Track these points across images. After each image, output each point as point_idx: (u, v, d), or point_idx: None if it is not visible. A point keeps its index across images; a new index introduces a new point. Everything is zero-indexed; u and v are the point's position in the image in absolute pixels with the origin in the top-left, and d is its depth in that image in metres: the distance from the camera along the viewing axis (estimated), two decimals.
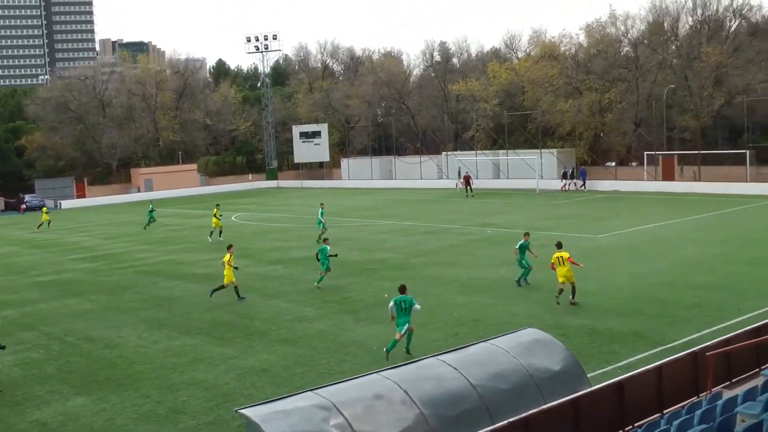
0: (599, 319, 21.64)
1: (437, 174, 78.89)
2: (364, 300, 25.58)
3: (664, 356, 16.63)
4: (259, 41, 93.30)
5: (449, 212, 51.51)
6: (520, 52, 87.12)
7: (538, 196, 60.90)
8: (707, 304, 22.75)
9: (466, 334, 20.55)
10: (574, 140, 72.00)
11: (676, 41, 69.95)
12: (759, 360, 15.92)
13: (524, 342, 14.36)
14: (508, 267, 30.09)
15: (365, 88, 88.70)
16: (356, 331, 21.78)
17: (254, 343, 21.24)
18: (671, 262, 29.60)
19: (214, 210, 43.55)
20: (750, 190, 55.44)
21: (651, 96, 68.07)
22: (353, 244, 38.57)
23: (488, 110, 76.34)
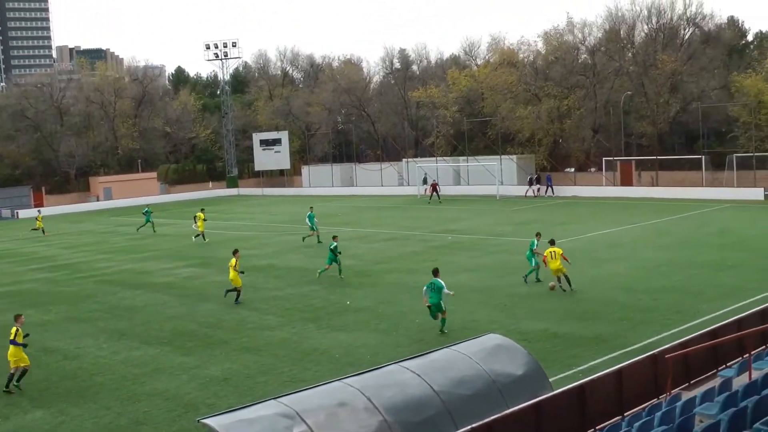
0: (560, 323, 21.82)
1: (398, 181, 78.98)
2: (326, 307, 25.52)
3: (624, 359, 16.82)
4: (219, 48, 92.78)
5: (411, 219, 51.63)
6: (479, 59, 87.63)
7: (498, 202, 61.27)
8: (666, 307, 23.06)
9: (428, 340, 20.60)
10: (533, 146, 72.56)
11: (632, 49, 70.97)
12: (716, 361, 16.18)
13: (486, 347, 14.42)
14: (469, 273, 30.27)
15: (325, 95, 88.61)
16: (319, 339, 21.73)
17: (216, 352, 21.08)
18: (630, 266, 29.96)
19: (200, 213, 45.99)
20: (705, 195, 56.33)
21: (609, 102, 68.94)
22: (314, 252, 38.46)
23: (448, 117, 76.66)
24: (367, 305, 25.48)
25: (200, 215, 45.75)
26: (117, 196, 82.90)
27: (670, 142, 74.34)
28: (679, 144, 75.68)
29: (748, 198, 53.98)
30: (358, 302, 25.89)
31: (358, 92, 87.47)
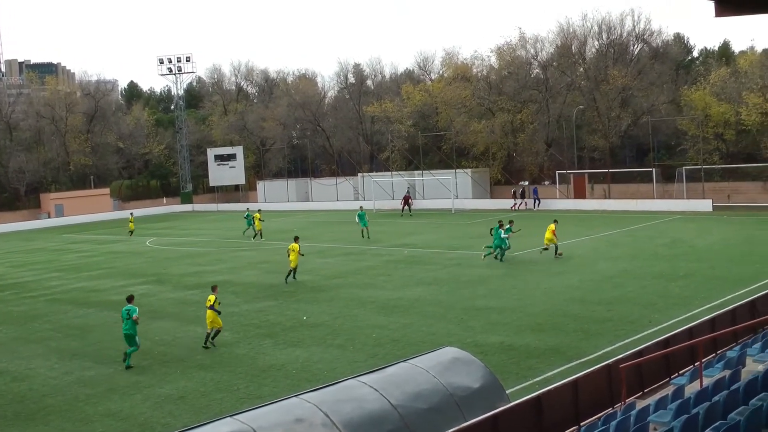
0: (516, 335, 21.95)
1: (354, 195, 79.01)
2: (282, 323, 25.37)
3: (579, 370, 16.95)
4: (172, 63, 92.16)
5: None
6: (433, 74, 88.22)
7: (453, 216, 61.56)
8: (619, 317, 23.32)
9: (385, 354, 20.57)
10: (487, 160, 73.18)
11: (583, 64, 71.97)
12: (669, 369, 16.40)
13: (443, 361, 14.43)
14: (425, 287, 30.34)
15: (280, 110, 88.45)
16: (275, 355, 21.58)
17: (171, 370, 20.81)
18: (584, 278, 30.28)
19: (257, 214, 51.94)
20: (657, 207, 57.25)
21: (561, 117, 69.83)
22: (270, 267, 38.27)
23: (403, 131, 76.99)
24: (323, 320, 25.39)
25: (257, 215, 51.51)
26: (69, 212, 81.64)
27: (621, 156, 75.57)
28: (631, 157, 76.95)
29: (697, 209, 54.92)
30: (315, 317, 25.79)
31: (312, 107, 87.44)
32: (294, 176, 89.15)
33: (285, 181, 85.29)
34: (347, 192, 79.36)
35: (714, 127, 62.76)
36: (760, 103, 58.15)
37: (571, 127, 67.62)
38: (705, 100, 62.73)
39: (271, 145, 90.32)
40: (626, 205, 58.98)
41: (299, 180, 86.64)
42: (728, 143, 63.95)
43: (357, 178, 79.72)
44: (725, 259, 33.46)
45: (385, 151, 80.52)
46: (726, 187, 60.70)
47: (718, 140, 63.73)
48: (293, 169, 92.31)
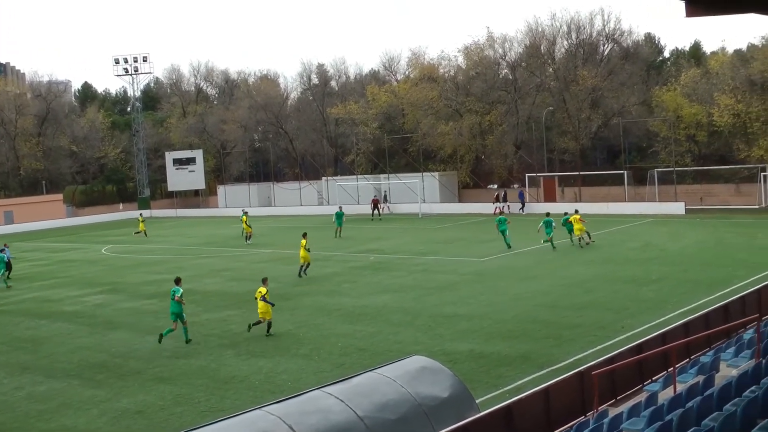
0: (485, 343, 22.01)
1: (318, 200, 78.86)
2: (245, 333, 25.20)
3: (551, 377, 17.03)
4: (128, 63, 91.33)
5: (331, 239, 51.49)
6: (399, 74, 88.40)
7: (420, 220, 61.68)
8: (591, 323, 23.50)
9: (351, 364, 20.53)
10: (455, 163, 73.45)
11: (553, 64, 72.56)
12: (642, 376, 16.55)
13: (411, 370, 14.42)
14: (392, 294, 30.35)
15: (241, 112, 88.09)
16: (237, 366, 21.44)
17: (128, 383, 20.58)
18: (554, 283, 30.47)
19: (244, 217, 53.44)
20: (628, 210, 57.85)
21: (530, 118, 70.31)
22: (232, 275, 38.07)
23: (368, 134, 77.06)
24: (287, 329, 25.28)
25: (244, 218, 53.10)
26: (19, 219, 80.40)
27: (592, 158, 76.28)
28: (602, 159, 77.72)
29: (669, 212, 55.55)
30: (278, 326, 25.65)
31: (275, 109, 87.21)
32: (256, 180, 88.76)
33: (246, 186, 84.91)
34: (311, 196, 79.18)
35: (686, 129, 63.57)
36: (731, 104, 58.99)
37: (541, 129, 68.11)
38: (676, 101, 63.53)
39: (232, 148, 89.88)
40: (597, 209, 59.46)
41: (261, 184, 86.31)
42: (700, 145, 64.79)
43: (321, 182, 79.58)
44: (698, 262, 33.88)
45: (349, 154, 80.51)
46: (698, 189, 61.54)
47: (690, 142, 64.55)
48: (255, 173, 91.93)
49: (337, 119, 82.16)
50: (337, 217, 52.64)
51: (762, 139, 57.79)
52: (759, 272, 29.75)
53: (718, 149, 64.41)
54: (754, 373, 13.16)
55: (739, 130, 60.33)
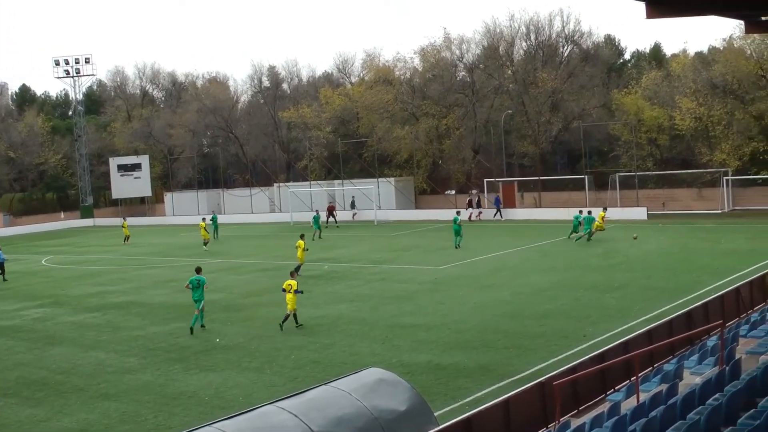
0: (444, 354, 22.05)
1: (269, 207, 78.52)
2: (194, 346, 24.99)
3: (511, 389, 17.11)
4: (69, 65, 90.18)
5: (284, 248, 51.21)
6: (353, 77, 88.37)
7: (376, 228, 61.71)
8: (552, 332, 23.67)
9: (305, 377, 20.45)
10: (412, 168, 73.60)
11: (511, 66, 73.08)
12: (604, 385, 16.70)
13: (367, 383, 14.40)
14: (348, 304, 30.31)
15: (189, 116, 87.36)
16: (186, 381, 21.23)
17: (70, 401, 20.26)
18: (515, 291, 30.66)
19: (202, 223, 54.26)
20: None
21: (489, 122, 70.73)
22: (179, 286, 37.61)
23: (321, 138, 76.87)
24: (238, 342, 25.12)
25: (202, 224, 54.05)
26: None
27: (552, 162, 76.95)
28: (562, 164, 78.48)
29: (631, 218, 56.22)
30: (229, 339, 25.48)
31: (224, 113, 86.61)
32: (205, 187, 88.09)
33: (195, 193, 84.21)
34: (262, 203, 78.78)
35: (647, 132, 64.40)
36: (693, 107, 59.84)
37: (500, 133, 68.55)
38: (637, 104, 64.35)
39: (179, 153, 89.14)
40: (558, 214, 60.02)
41: (210, 191, 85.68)
42: (662, 149, 65.70)
43: (273, 188, 79.23)
44: (661, 268, 34.32)
45: (302, 159, 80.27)
46: (661, 194, 62.39)
47: (652, 146, 65.42)
48: (204, 179, 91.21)
49: (289, 123, 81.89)
50: (314, 221, 55.31)
51: (724, 143, 58.70)
52: (722, 278, 30.23)
53: (680, 153, 65.34)
54: (718, 380, 13.35)
55: (701, 133, 61.24)
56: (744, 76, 58.70)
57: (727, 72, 59.29)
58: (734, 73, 58.90)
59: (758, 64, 57.93)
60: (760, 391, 12.44)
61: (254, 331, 26.52)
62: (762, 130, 59.38)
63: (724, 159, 58.32)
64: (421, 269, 37.91)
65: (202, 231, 53.70)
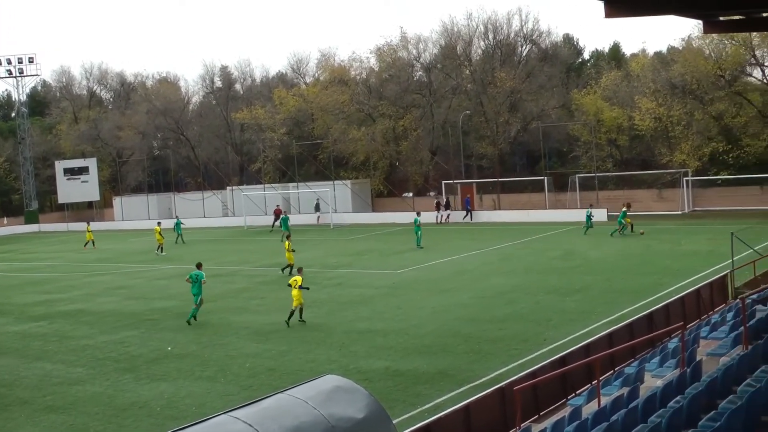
0: (402, 359, 22.08)
1: (222, 211, 78.07)
2: (145, 355, 24.75)
3: (471, 394, 17.19)
4: (12, 64, 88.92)
5: (237, 252, 51.08)
6: (308, 77, 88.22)
7: (332, 231, 61.64)
8: (512, 336, 23.80)
9: (260, 385, 20.35)
10: (368, 170, 73.64)
11: (469, 66, 73.45)
12: (565, 390, 16.84)
13: (324, 390, 14.35)
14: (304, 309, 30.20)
15: (138, 117, 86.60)
16: (136, 391, 21.00)
17: (14, 415, 19.94)
18: (474, 295, 30.78)
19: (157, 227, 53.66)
20: (549, 217, 58.89)
21: (447, 122, 70.98)
22: (129, 293, 37.35)
23: (276, 140, 76.61)
24: (190, 350, 24.92)
25: (157, 228, 53.59)
26: None
27: (511, 163, 77.44)
28: (521, 165, 79.01)
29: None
30: (181, 347, 25.28)
31: (175, 114, 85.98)
32: (155, 191, 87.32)
33: (145, 197, 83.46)
34: (215, 207, 78.33)
35: (607, 133, 65.12)
36: (653, 107, 60.64)
37: (458, 134, 68.85)
38: (597, 105, 65.05)
39: (128, 156, 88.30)
40: (517, 216, 60.43)
41: (161, 195, 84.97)
42: (622, 149, 66.47)
43: (226, 191, 78.83)
44: (621, 270, 34.69)
45: (256, 161, 79.95)
46: (621, 195, 62.87)
47: (612, 146, 66.16)
48: (154, 183, 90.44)
49: (242, 125, 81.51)
50: (283, 222, 55.78)
51: (684, 143, 59.53)
52: (683, 279, 30.65)
53: (640, 154, 66.13)
54: (679, 383, 13.52)
55: (660, 134, 62.06)
56: (703, 76, 59.56)
57: (686, 72, 60.12)
58: (693, 73, 59.74)
59: (717, 64, 58.81)
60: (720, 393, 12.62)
61: (207, 339, 26.33)
62: (721, 130, 60.31)
63: (684, 160, 59.12)
64: (378, 273, 37.93)
65: (156, 235, 53.29)
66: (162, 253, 52.15)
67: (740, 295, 19.69)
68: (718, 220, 48.05)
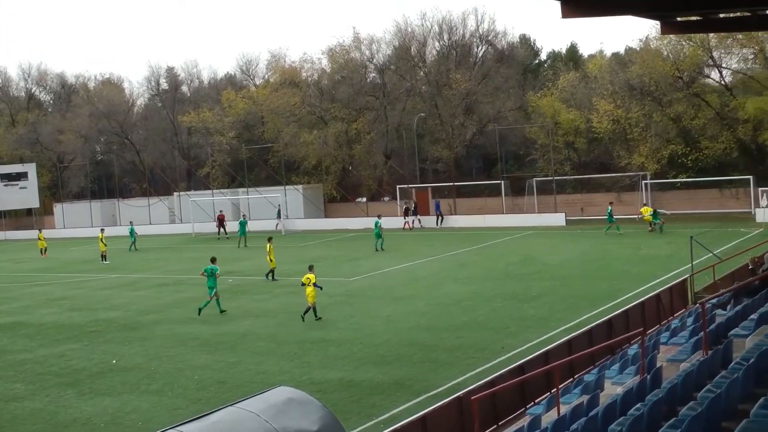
0: (356, 370, 22.05)
1: (169, 218, 77.47)
2: (88, 369, 24.43)
3: (428, 404, 17.21)
4: None
5: (185, 261, 50.69)
6: (257, 79, 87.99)
7: (284, 238, 61.40)
8: (469, 344, 23.88)
9: (209, 398, 20.19)
10: (320, 175, 73.55)
11: (424, 67, 73.72)
12: (524, 398, 16.94)
13: (276, 402, 14.29)
14: (254, 319, 30.08)
15: (80, 120, 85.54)
16: (79, 407, 20.72)
17: None
18: (430, 303, 30.85)
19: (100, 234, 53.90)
20: (506, 222, 59.29)
21: (401, 125, 71.14)
22: (71, 304, 36.86)
23: (224, 144, 76.21)
24: (136, 363, 24.65)
25: (100, 235, 53.72)
26: None
27: (467, 167, 77.78)
28: (477, 168, 79.40)
29: (550, 224, 57.23)
30: (126, 360, 25.00)
31: (119, 117, 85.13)
32: (99, 197, 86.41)
33: (88, 203, 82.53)
34: (162, 214, 77.72)
35: (564, 136, 65.72)
36: (611, 109, 61.30)
37: (412, 137, 69.00)
38: (554, 107, 65.58)
39: (70, 161, 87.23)
40: (474, 221, 60.72)
41: (105, 201, 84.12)
42: (580, 152, 67.11)
43: (173, 197, 78.24)
44: (581, 276, 35.01)
45: (204, 166, 79.43)
46: (579, 199, 63.65)
47: (569, 149, 66.79)
48: (98, 189, 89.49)
49: (189, 128, 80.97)
50: (240, 226, 57.70)
51: (642, 145, 60.24)
52: (643, 284, 31.01)
53: (598, 157, 66.78)
54: (639, 389, 13.65)
55: (619, 136, 62.74)
56: (661, 78, 60.33)
57: (644, 73, 60.84)
58: (651, 75, 60.48)
59: (675, 65, 59.60)
60: (680, 400, 12.77)
61: (153, 351, 26.07)
62: (680, 132, 61.11)
63: (643, 162, 59.79)
64: (331, 281, 37.79)
65: (100, 244, 52.90)
66: (106, 262, 51.63)
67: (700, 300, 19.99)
68: (678, 223, 48.71)
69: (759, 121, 57.20)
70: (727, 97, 60.35)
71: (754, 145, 59.88)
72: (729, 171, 59.63)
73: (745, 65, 61.18)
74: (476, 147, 73.69)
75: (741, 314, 17.64)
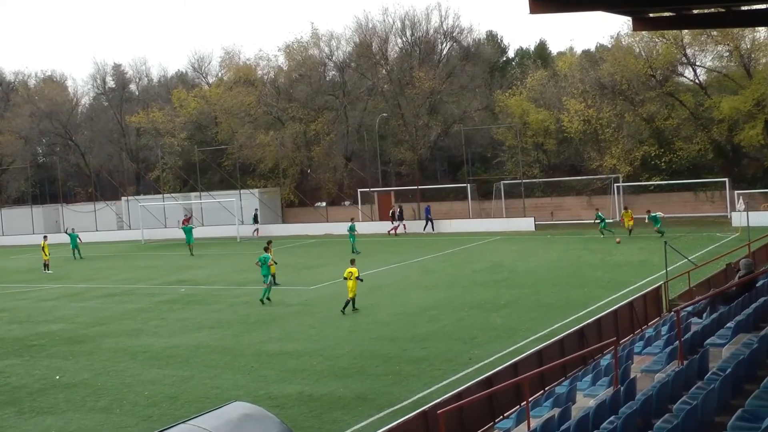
0: (316, 384, 22.00)
1: (117, 224, 76.88)
2: (29, 385, 24.14)
3: (391, 419, 17.21)
4: None
5: (134, 269, 50.32)
6: (210, 77, 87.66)
7: (239, 245, 61.15)
8: (435, 356, 23.90)
9: (161, 415, 20.05)
10: (278, 178, 73.38)
11: (386, 65, 73.77)
12: (493, 412, 16.98)
13: (231, 419, 14.23)
14: (208, 330, 29.90)
15: (20, 121, 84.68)
16: (19, 427, 20.47)
17: None
18: (393, 312, 30.85)
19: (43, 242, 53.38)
20: (473, 227, 59.49)
21: (362, 126, 71.19)
22: (11, 316, 36.42)
23: (176, 145, 75.86)
24: (81, 378, 24.41)
25: (43, 242, 53.32)
26: None
27: (432, 170, 78.03)
28: (442, 171, 79.66)
29: (518, 228, 57.50)
30: (71, 376, 24.74)
31: (62, 117, 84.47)
32: (41, 202, 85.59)
33: (29, 209, 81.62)
34: (109, 219, 77.09)
35: (533, 136, 66.03)
36: (581, 109, 61.71)
37: (374, 138, 69.05)
38: (522, 106, 65.85)
39: (9, 164, 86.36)
40: (439, 226, 60.83)
41: (47, 207, 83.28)
42: (549, 154, 67.47)
43: (120, 202, 77.67)
44: (551, 283, 35.19)
45: (154, 169, 79.01)
46: (548, 202, 64.01)
47: (539, 151, 67.15)
48: (39, 193, 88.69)
49: (138, 129, 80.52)
50: (186, 233, 57.39)
51: (614, 147, 60.64)
52: (616, 292, 31.24)
53: (569, 158, 67.14)
54: (613, 402, 13.73)
55: (590, 137, 63.17)
56: (633, 76, 60.88)
57: (615, 71, 61.35)
58: (623, 73, 61.01)
59: (647, 63, 60.17)
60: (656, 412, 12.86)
61: (100, 365, 25.83)
62: (653, 133, 61.70)
63: (615, 164, 60.20)
64: (289, 290, 37.74)
65: (42, 252, 52.31)
66: (49, 271, 51.15)
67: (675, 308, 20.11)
68: (651, 228, 49.15)
69: (734, 121, 57.90)
70: (702, 97, 61.05)
71: (730, 147, 60.62)
72: (704, 173, 60.28)
73: (720, 63, 61.93)
74: (441, 149, 73.91)
75: (717, 322, 17.80)
